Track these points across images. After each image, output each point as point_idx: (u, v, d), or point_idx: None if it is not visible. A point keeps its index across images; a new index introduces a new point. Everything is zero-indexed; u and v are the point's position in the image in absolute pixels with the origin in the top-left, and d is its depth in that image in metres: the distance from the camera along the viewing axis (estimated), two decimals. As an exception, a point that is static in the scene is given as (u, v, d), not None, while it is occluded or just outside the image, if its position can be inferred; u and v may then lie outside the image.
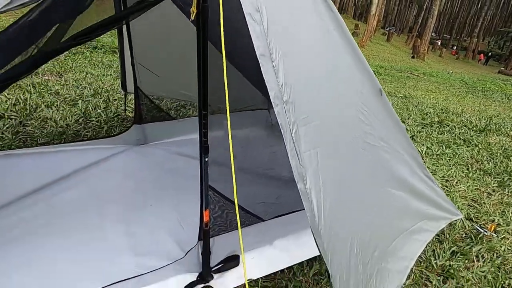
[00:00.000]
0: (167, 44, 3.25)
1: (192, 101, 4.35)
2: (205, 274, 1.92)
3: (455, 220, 2.66)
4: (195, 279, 1.91)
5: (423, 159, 3.98)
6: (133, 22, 3.01)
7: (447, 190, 3.44)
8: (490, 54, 37.15)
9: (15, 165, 2.75)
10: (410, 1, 36.77)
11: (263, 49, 1.33)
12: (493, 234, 2.74)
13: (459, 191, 3.45)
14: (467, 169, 4.04)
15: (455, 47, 41.75)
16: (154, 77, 3.39)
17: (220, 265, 1.97)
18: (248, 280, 1.95)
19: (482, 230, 2.73)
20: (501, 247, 2.59)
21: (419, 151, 4.41)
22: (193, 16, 1.30)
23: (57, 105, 4.22)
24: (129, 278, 1.80)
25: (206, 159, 1.64)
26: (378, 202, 1.67)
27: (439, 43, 39.45)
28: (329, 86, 1.56)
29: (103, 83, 5.40)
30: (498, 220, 2.98)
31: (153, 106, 3.51)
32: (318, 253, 2.20)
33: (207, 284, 1.90)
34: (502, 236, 2.74)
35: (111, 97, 4.77)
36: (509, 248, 2.61)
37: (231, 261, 2.02)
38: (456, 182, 3.64)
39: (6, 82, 1.32)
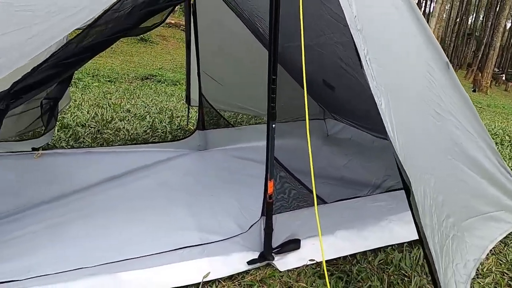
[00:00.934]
0: (231, 56, 3.53)
1: (252, 114, 4.51)
2: (266, 253, 1.93)
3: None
4: (256, 257, 1.92)
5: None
6: (201, 34, 3.33)
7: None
8: None
9: (95, 160, 3.07)
10: (468, 37, 35.51)
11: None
12: None
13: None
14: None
15: (522, 82, 38.76)
16: (218, 88, 3.66)
17: (281, 247, 1.97)
18: (310, 260, 1.92)
19: None
20: None
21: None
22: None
23: (128, 119, 4.67)
24: (194, 245, 1.87)
25: (274, 125, 1.71)
26: (450, 172, 1.60)
27: (504, 78, 36.97)
28: (400, 51, 1.58)
29: (167, 104, 5.88)
30: None
31: (215, 114, 3.74)
32: (384, 244, 2.12)
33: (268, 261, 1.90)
34: None
35: (175, 114, 5.16)
36: None
37: (292, 244, 2.02)
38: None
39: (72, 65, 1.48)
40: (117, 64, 10.28)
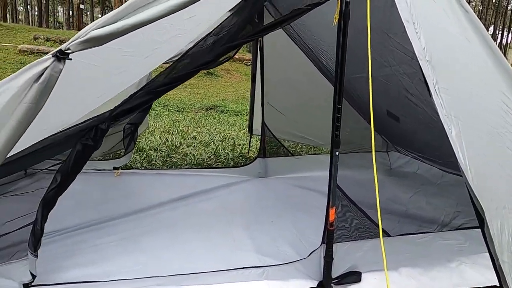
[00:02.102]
0: (294, 88, 3.68)
1: (311, 145, 4.55)
2: (326, 283, 1.90)
3: None
4: (315, 285, 1.91)
5: None
6: (266, 67, 3.55)
7: None
8: None
9: (164, 181, 3.34)
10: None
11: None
12: None
13: None
14: None
15: None
16: (280, 118, 3.80)
17: (341, 278, 1.94)
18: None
19: None
20: None
21: None
22: (335, 22, 1.55)
23: (194, 145, 5.00)
24: (255, 267, 1.92)
25: (337, 153, 1.75)
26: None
27: None
28: (471, 81, 1.56)
29: (229, 133, 6.18)
30: None
31: (276, 143, 3.86)
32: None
33: (327, 292, 1.87)
34: None
35: (237, 142, 5.40)
36: None
37: (353, 276, 1.96)
38: None
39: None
40: (185, 96, 11.11)
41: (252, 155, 4.69)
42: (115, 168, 3.33)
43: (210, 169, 3.74)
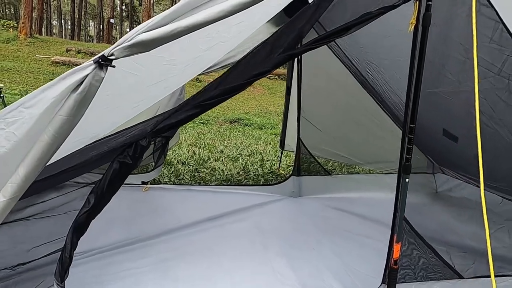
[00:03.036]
0: (332, 103, 3.46)
1: (350, 164, 4.26)
2: (385, 329, 1.64)
3: None
4: (371, 331, 1.65)
5: None
6: (303, 80, 3.35)
7: None
8: None
9: (194, 197, 3.16)
10: None
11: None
12: None
13: None
14: None
15: None
16: (315, 134, 3.57)
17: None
18: None
19: None
20: None
21: None
22: (411, 27, 1.34)
23: (222, 159, 4.83)
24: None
25: (407, 179, 1.51)
26: None
27: None
28: None
29: (256, 148, 6.00)
30: None
31: (309, 160, 3.62)
32: None
33: None
34: None
35: (265, 157, 5.19)
36: None
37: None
38: None
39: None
40: (209, 108, 11.04)
41: (283, 172, 4.47)
42: (143, 183, 3.18)
43: (241, 186, 3.54)
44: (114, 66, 1.06)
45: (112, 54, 1.04)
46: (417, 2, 1.28)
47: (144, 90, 1.81)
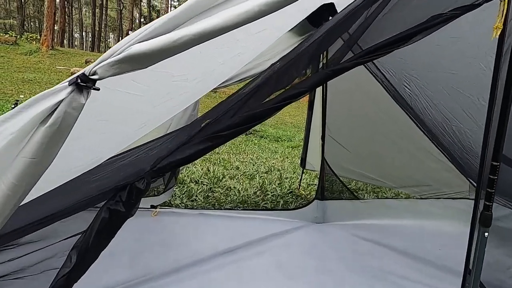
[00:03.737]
0: (361, 120, 3.11)
1: (381, 186, 3.86)
2: None
3: None
4: None
5: None
6: (330, 92, 3.03)
7: None
8: None
9: (208, 223, 2.85)
10: None
11: None
12: None
13: None
14: None
15: None
16: (342, 154, 3.23)
17: None
18: None
19: None
20: None
21: None
22: (496, 34, 1.00)
23: (238, 177, 4.52)
24: None
25: (486, 234, 1.15)
26: None
27: None
28: None
29: (273, 163, 5.67)
30: None
31: (337, 182, 3.27)
32: None
33: None
34: None
35: (283, 175, 4.86)
36: None
37: None
38: None
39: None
40: (225, 119, 10.86)
41: (303, 192, 4.13)
42: (152, 207, 2.90)
43: (259, 211, 3.21)
44: (98, 89, 0.78)
45: (95, 73, 0.75)
46: (505, 0, 0.96)
47: (150, 111, 1.53)
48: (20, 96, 9.56)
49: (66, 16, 25.14)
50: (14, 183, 0.76)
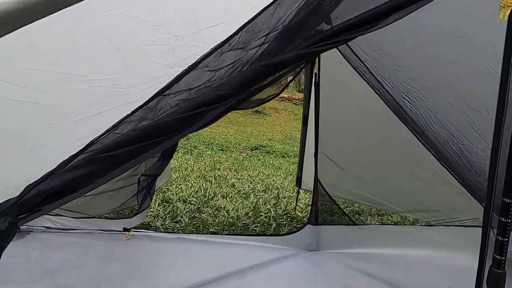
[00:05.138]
0: (357, 136, 2.81)
1: (383, 209, 3.50)
2: None
3: None
4: None
5: None
6: (323, 108, 2.74)
7: None
8: None
9: (185, 250, 2.57)
10: None
11: None
12: None
13: None
14: None
15: None
16: (337, 173, 2.91)
17: None
18: None
19: None
20: None
21: None
22: (505, 14, 0.70)
23: (231, 196, 4.23)
24: None
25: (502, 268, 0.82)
26: None
27: None
28: None
29: (273, 181, 5.36)
30: None
31: (333, 205, 2.94)
32: None
33: None
34: None
35: (281, 194, 4.54)
36: None
37: None
38: None
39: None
40: (231, 134, 10.67)
41: (300, 214, 3.79)
42: (125, 230, 2.63)
43: (245, 236, 2.90)
44: None
45: None
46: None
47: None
48: None
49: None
50: None
